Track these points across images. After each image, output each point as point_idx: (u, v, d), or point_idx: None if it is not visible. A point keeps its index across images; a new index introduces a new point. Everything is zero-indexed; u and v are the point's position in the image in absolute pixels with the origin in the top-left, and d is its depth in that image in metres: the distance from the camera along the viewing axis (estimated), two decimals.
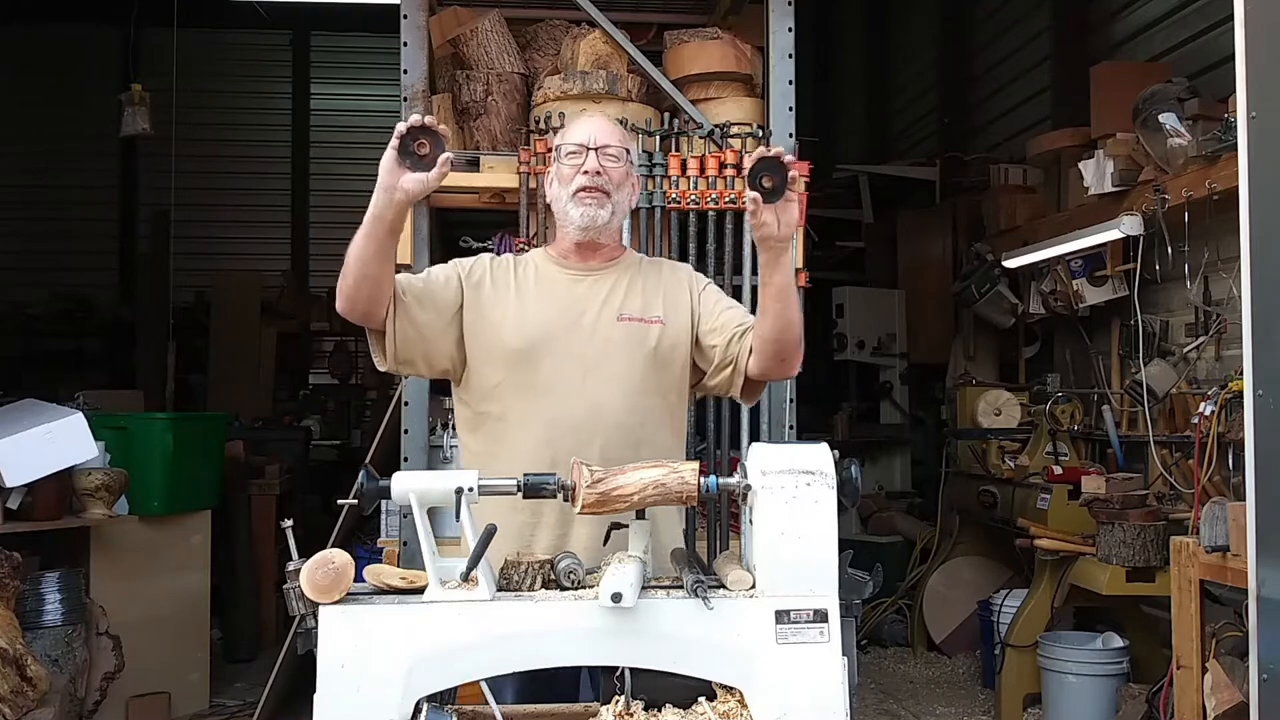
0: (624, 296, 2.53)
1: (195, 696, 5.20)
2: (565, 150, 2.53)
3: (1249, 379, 2.39)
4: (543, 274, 2.57)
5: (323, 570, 1.88)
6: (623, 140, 2.57)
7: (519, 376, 2.46)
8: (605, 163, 2.49)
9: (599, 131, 2.53)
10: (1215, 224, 4.32)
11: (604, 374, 2.45)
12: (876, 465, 7.63)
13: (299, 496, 7.21)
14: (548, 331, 2.47)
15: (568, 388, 2.44)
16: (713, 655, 1.89)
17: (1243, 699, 2.88)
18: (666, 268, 2.68)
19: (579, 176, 2.49)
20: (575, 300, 2.51)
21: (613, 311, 2.50)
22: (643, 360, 2.47)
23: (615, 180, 2.51)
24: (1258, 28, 2.40)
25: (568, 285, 2.54)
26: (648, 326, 2.50)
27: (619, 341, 2.48)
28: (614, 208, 2.51)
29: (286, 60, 12.02)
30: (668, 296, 2.56)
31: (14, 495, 4.26)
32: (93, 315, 10.65)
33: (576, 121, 2.64)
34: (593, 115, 2.70)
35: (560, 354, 2.46)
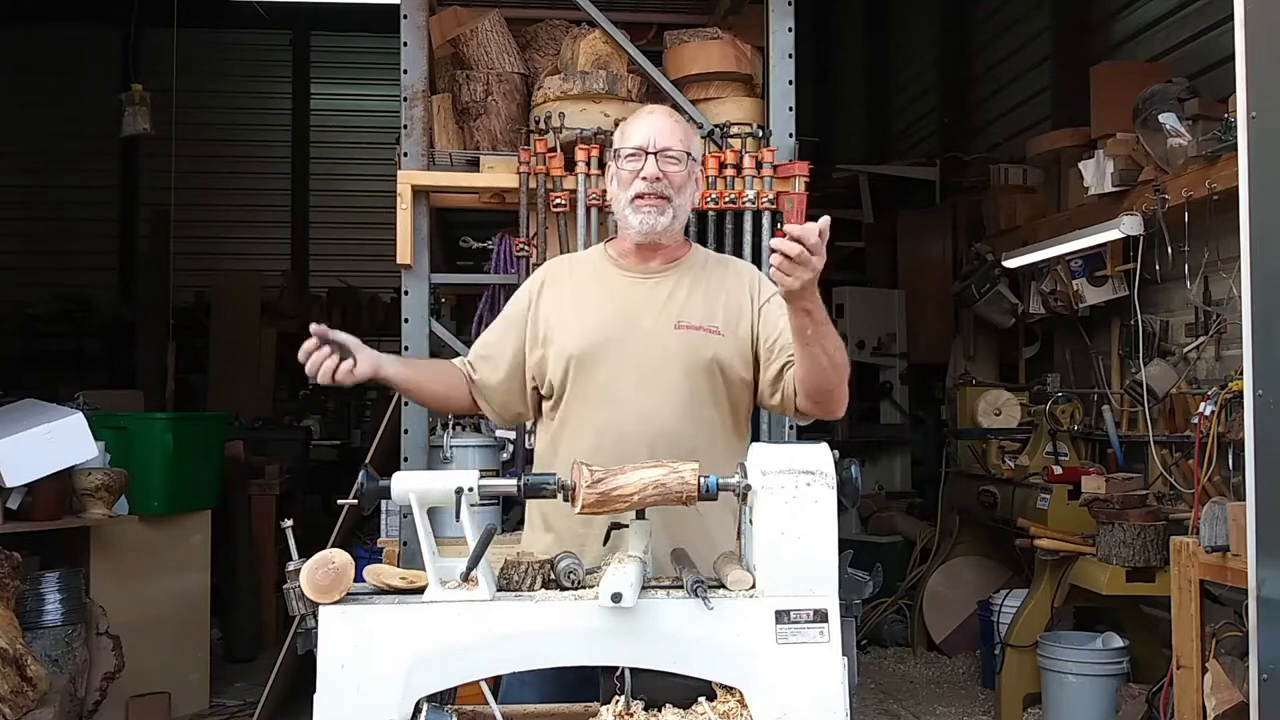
0: (684, 302, 2.46)
1: (195, 696, 5.20)
2: (624, 153, 2.45)
3: (1249, 379, 2.40)
4: (601, 275, 2.52)
5: (323, 570, 1.88)
6: (685, 139, 2.47)
7: (576, 381, 2.44)
8: (666, 167, 2.41)
9: (659, 132, 2.43)
10: (1215, 224, 4.32)
11: (657, 383, 2.39)
12: (876, 465, 7.63)
13: (299, 496, 7.21)
14: (605, 336, 2.42)
15: (621, 395, 2.40)
16: (713, 655, 1.88)
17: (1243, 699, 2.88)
18: (732, 270, 2.59)
19: (637, 182, 2.42)
20: (633, 304, 2.45)
21: (671, 318, 2.43)
22: (699, 370, 2.40)
23: (676, 184, 2.43)
24: (1258, 28, 2.40)
25: (626, 288, 2.48)
26: (707, 336, 2.43)
27: (675, 350, 2.41)
28: (675, 212, 2.44)
29: (286, 60, 12.02)
30: (729, 305, 2.48)
31: (14, 495, 4.26)
32: (93, 315, 10.65)
33: (636, 120, 2.52)
34: (654, 112, 2.54)
35: (615, 360, 2.41)
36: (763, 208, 3.68)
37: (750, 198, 3.66)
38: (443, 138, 3.88)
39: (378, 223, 7.50)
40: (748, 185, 3.66)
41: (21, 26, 10.64)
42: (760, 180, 3.67)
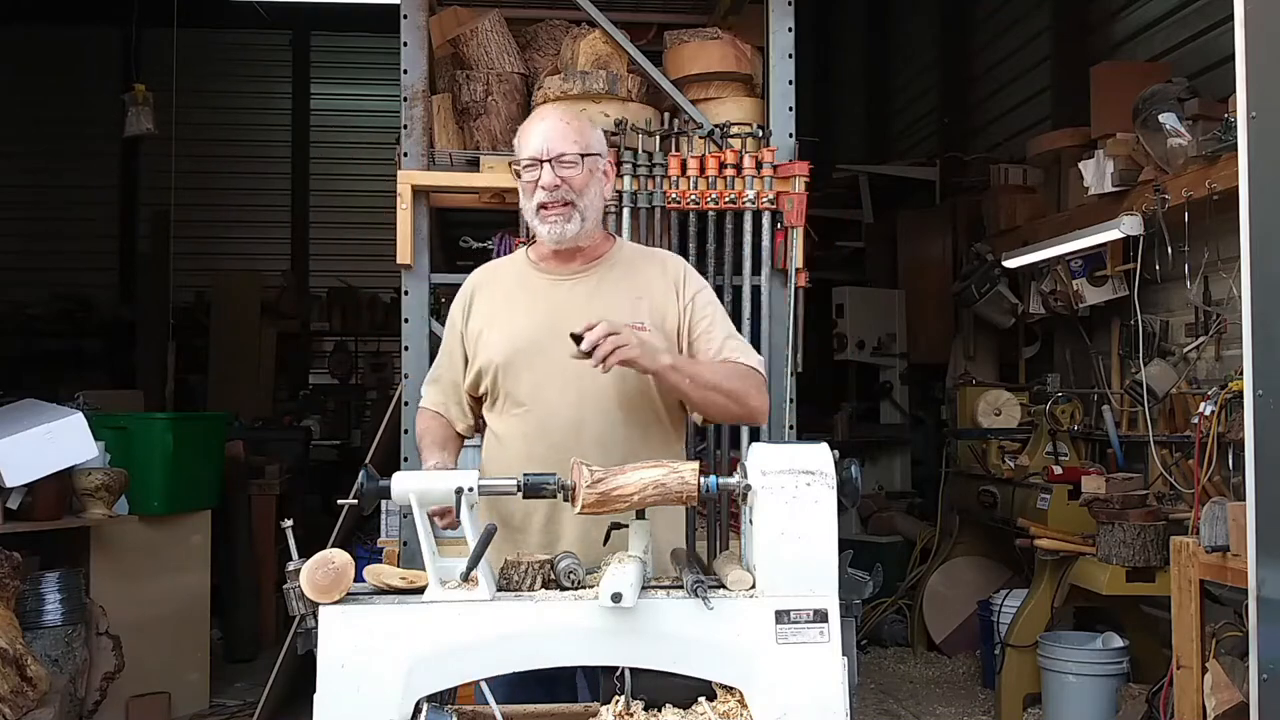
0: (608, 301, 2.43)
1: (195, 696, 5.20)
2: (521, 164, 2.43)
3: (1249, 379, 2.39)
4: (524, 281, 2.51)
5: (323, 570, 1.88)
6: (582, 138, 2.43)
7: (503, 391, 2.45)
8: (563, 172, 2.38)
9: (551, 138, 2.40)
10: (1215, 224, 4.32)
11: (586, 386, 2.38)
12: (876, 465, 7.63)
13: (299, 496, 7.21)
14: (528, 343, 2.42)
15: (549, 401, 2.40)
16: (713, 655, 1.89)
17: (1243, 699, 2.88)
18: (657, 263, 2.57)
19: (538, 192, 2.40)
20: (556, 308, 2.43)
21: (595, 318, 2.37)
22: (624, 370, 2.37)
23: (578, 187, 2.40)
24: (1258, 28, 2.40)
25: (548, 292, 2.47)
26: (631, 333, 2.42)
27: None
28: (582, 215, 2.42)
29: (286, 60, 12.01)
30: (655, 300, 2.47)
31: (14, 495, 4.25)
32: (93, 315, 10.65)
33: (528, 128, 2.48)
34: (545, 117, 2.51)
35: (540, 367, 2.41)
36: (763, 208, 3.68)
37: (750, 198, 3.66)
38: (443, 138, 3.88)
39: (378, 223, 7.51)
40: (748, 185, 3.66)
41: (21, 26, 10.63)
42: (760, 180, 3.67)
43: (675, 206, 3.67)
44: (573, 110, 2.57)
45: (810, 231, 4.37)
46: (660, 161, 3.67)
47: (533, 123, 2.50)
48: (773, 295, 3.72)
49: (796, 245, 3.73)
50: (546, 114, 2.55)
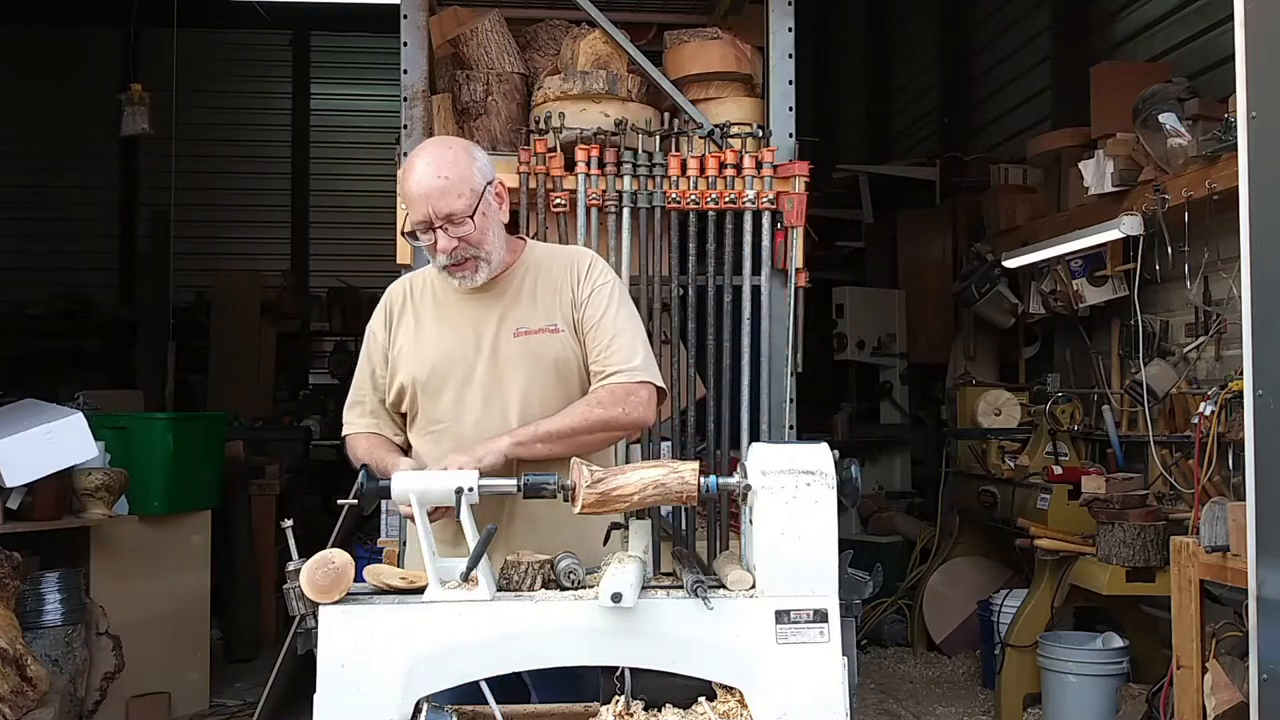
0: (521, 308, 2.41)
1: (195, 696, 5.19)
2: (411, 226, 2.33)
3: (1249, 379, 2.39)
4: (439, 297, 2.47)
5: (323, 570, 1.89)
6: (462, 185, 2.30)
7: (424, 408, 2.43)
8: (458, 232, 2.30)
9: (435, 200, 2.28)
10: (1215, 224, 4.32)
11: (504, 396, 2.37)
12: (876, 465, 7.62)
13: (299, 496, 7.21)
14: (446, 359, 2.40)
15: (470, 415, 2.38)
16: (713, 655, 1.89)
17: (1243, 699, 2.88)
18: (565, 261, 2.50)
19: (438, 255, 2.34)
20: (470, 322, 2.41)
21: (510, 327, 2.40)
22: (543, 374, 2.38)
23: (475, 240, 2.33)
24: (1258, 28, 2.40)
25: (463, 307, 2.44)
26: (547, 337, 2.39)
27: (517, 359, 2.38)
28: (488, 259, 2.37)
29: (286, 60, 12.01)
30: (562, 300, 2.44)
31: (14, 495, 4.25)
32: (93, 315, 10.64)
33: (408, 189, 2.33)
34: (420, 177, 2.31)
35: (460, 381, 2.39)
36: (763, 208, 3.68)
37: (750, 198, 3.66)
38: None
39: (378, 223, 7.51)
40: (748, 185, 3.66)
41: (21, 26, 10.63)
42: (760, 180, 3.67)
43: (675, 206, 3.67)
44: (446, 150, 2.37)
45: (810, 231, 4.37)
46: (660, 161, 3.67)
47: (408, 178, 2.34)
48: (773, 295, 3.72)
49: (796, 245, 3.73)
50: (420, 169, 2.32)
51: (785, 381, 3.71)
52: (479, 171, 2.36)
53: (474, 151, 2.41)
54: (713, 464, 3.59)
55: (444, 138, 2.72)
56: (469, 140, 2.75)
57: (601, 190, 3.63)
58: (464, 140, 2.57)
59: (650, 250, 3.66)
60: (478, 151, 2.43)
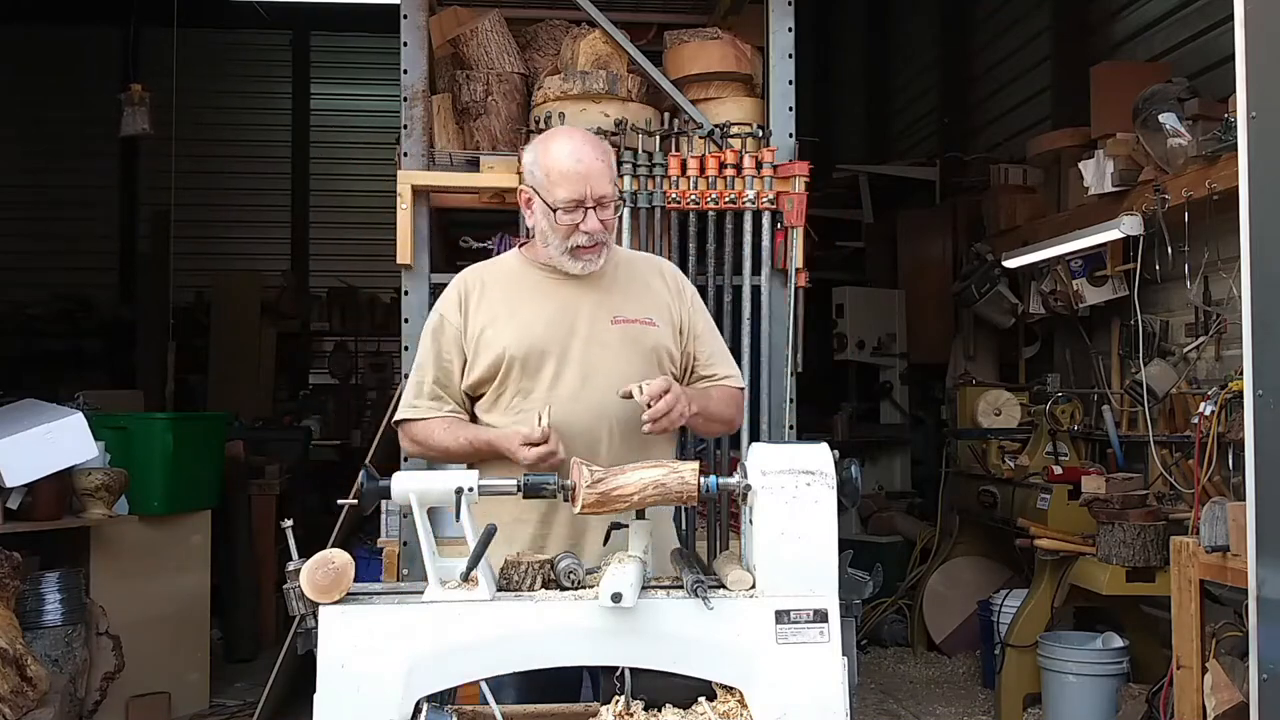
0: (616, 298, 2.50)
1: (195, 696, 5.19)
2: (558, 201, 2.39)
3: (1249, 379, 2.39)
4: (527, 280, 2.52)
5: (323, 570, 1.88)
6: (612, 172, 2.45)
7: (519, 384, 2.45)
8: (604, 215, 2.41)
9: (594, 179, 2.38)
10: (1215, 224, 4.32)
11: (604, 379, 2.43)
12: (876, 465, 7.62)
13: (299, 496, 7.20)
14: (545, 338, 2.45)
15: (569, 394, 2.42)
16: (713, 655, 1.89)
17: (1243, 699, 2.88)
18: (648, 266, 2.65)
19: (577, 235, 2.41)
20: (566, 305, 2.48)
21: (607, 314, 2.48)
22: (640, 362, 2.46)
23: (610, 225, 2.45)
24: (1258, 28, 2.40)
25: (555, 290, 2.50)
26: (643, 328, 2.49)
27: (616, 345, 2.46)
28: (609, 246, 2.48)
29: (286, 60, 12.01)
30: (656, 298, 2.55)
31: (14, 495, 4.25)
32: (93, 315, 10.64)
33: (562, 163, 2.41)
34: (580, 155, 2.40)
35: (557, 360, 2.44)
36: (763, 208, 3.68)
37: (750, 198, 3.66)
38: (443, 138, 3.88)
39: (378, 223, 7.51)
40: (748, 185, 3.66)
41: (21, 26, 10.63)
42: (760, 180, 3.67)
43: (675, 206, 3.67)
44: (597, 139, 2.52)
45: (810, 231, 4.37)
46: (660, 161, 3.67)
47: (564, 157, 2.41)
48: (773, 295, 3.72)
49: (796, 245, 3.73)
50: (581, 146, 2.43)
51: (785, 381, 3.71)
52: (613, 161, 2.51)
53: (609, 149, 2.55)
54: (713, 464, 3.60)
55: (582, 129, 2.78)
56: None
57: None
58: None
59: (650, 250, 3.65)
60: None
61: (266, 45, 11.76)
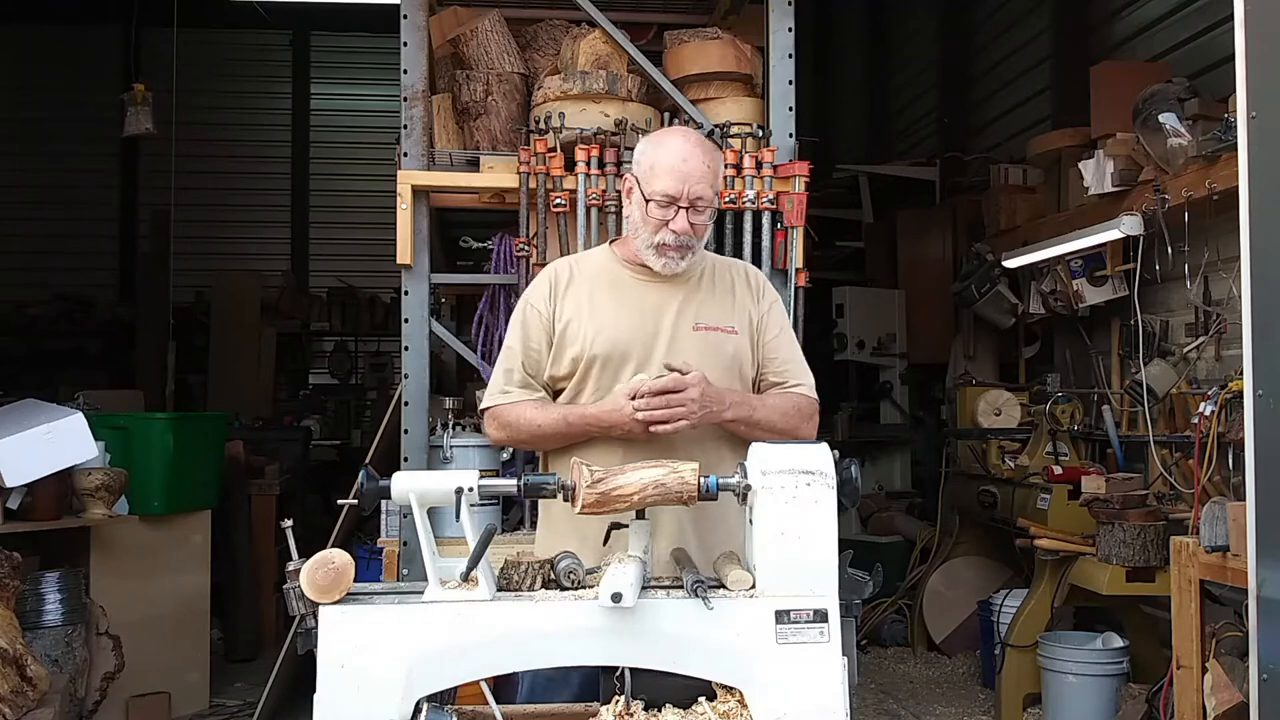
0: (700, 304, 2.49)
1: (195, 696, 5.19)
2: (654, 194, 2.40)
3: (1249, 379, 2.39)
4: (614, 278, 2.52)
5: (323, 570, 1.88)
6: (716, 176, 2.44)
7: (599, 382, 2.45)
8: (695, 219, 2.40)
9: (694, 179, 2.38)
10: (1215, 224, 4.32)
11: None
12: (876, 465, 7.62)
13: (299, 496, 7.21)
14: (627, 339, 2.44)
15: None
16: (713, 655, 1.89)
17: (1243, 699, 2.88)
18: (739, 272, 2.62)
19: (664, 232, 2.41)
20: (650, 308, 2.47)
21: (689, 320, 2.47)
22: (720, 370, 2.44)
23: (700, 232, 2.43)
24: (1258, 28, 2.40)
25: (641, 291, 2.49)
26: (724, 336, 2.48)
27: (696, 351, 2.44)
28: (695, 253, 2.46)
29: (286, 60, 12.03)
30: (739, 306, 2.53)
31: (14, 495, 4.25)
32: (93, 315, 10.65)
33: (670, 156, 2.41)
34: (687, 153, 2.41)
35: (639, 362, 2.43)
36: (763, 208, 3.68)
37: (750, 198, 3.66)
38: (443, 138, 3.88)
39: (378, 223, 7.51)
40: (748, 185, 3.66)
41: (22, 26, 10.64)
42: (760, 180, 3.67)
43: None
44: (706, 142, 2.51)
45: (810, 231, 4.37)
46: None
47: (671, 153, 2.42)
48: None
49: (796, 245, 3.73)
50: (689, 146, 2.43)
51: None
52: (722, 174, 2.51)
53: (721, 150, 2.56)
54: None
55: (699, 134, 2.76)
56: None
57: (601, 190, 3.63)
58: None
59: None
60: (721, 151, 2.56)
61: (266, 45, 11.77)
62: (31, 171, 11.19)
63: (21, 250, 11.03)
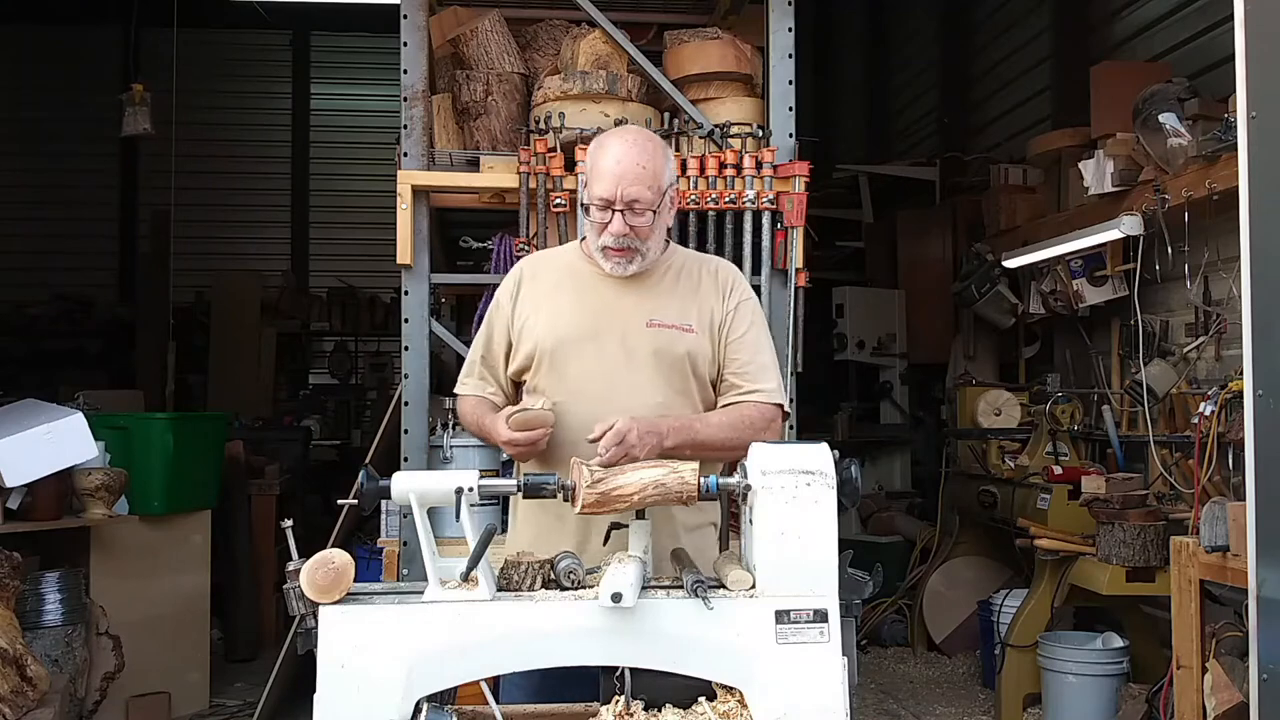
0: (658, 301, 2.47)
1: (195, 696, 5.19)
2: (592, 198, 2.39)
3: (1249, 379, 2.39)
4: (576, 273, 2.52)
5: (323, 570, 1.88)
6: (656, 178, 2.37)
7: (550, 377, 2.46)
8: (634, 221, 2.37)
9: (627, 181, 2.34)
10: (1215, 224, 4.32)
11: (632, 380, 2.42)
12: (876, 465, 7.62)
13: (299, 496, 7.20)
14: (577, 333, 2.44)
15: (595, 392, 2.41)
16: (713, 655, 1.89)
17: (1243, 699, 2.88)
18: (710, 269, 2.58)
19: (605, 234, 2.40)
20: (607, 303, 2.47)
21: (644, 317, 2.45)
22: (671, 367, 2.43)
23: (643, 235, 2.40)
24: (1258, 28, 2.40)
25: (600, 288, 2.49)
26: (679, 334, 2.45)
27: (647, 347, 2.43)
28: (644, 255, 2.43)
29: (286, 60, 12.02)
30: (703, 304, 2.50)
31: (14, 495, 4.25)
32: (93, 315, 10.65)
33: (604, 158, 2.39)
34: (621, 155, 2.38)
35: (588, 356, 2.43)
36: (763, 208, 3.68)
37: (750, 198, 3.66)
38: (443, 138, 3.88)
39: (378, 223, 7.51)
40: (748, 185, 3.66)
41: (23, 26, 10.64)
42: (760, 180, 3.67)
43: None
44: (648, 142, 2.44)
45: (810, 231, 4.37)
46: None
47: (605, 155, 2.40)
48: (773, 295, 3.72)
49: (796, 245, 3.73)
50: (621, 150, 2.39)
51: (785, 382, 3.70)
52: (669, 172, 2.45)
53: (669, 153, 2.49)
54: None
55: (646, 130, 2.74)
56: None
57: None
58: (663, 141, 2.59)
59: None
60: (671, 155, 2.51)
61: (266, 45, 11.77)
62: (31, 171, 11.19)
63: (21, 250, 11.02)
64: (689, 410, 2.45)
